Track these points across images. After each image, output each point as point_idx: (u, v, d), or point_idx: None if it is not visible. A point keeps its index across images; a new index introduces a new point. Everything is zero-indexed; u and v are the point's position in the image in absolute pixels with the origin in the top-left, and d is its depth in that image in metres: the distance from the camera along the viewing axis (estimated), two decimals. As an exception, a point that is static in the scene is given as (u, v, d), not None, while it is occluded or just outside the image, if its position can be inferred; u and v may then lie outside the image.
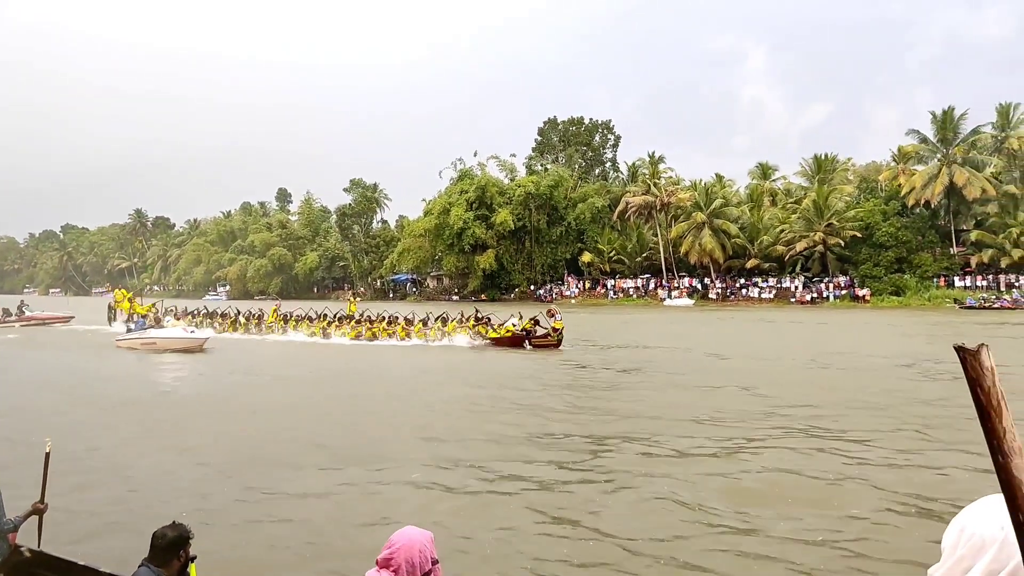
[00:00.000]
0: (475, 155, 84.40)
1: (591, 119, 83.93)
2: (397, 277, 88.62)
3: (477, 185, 74.66)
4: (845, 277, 60.49)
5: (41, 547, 5.20)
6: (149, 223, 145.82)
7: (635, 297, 68.59)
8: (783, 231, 63.05)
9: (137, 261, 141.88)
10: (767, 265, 64.10)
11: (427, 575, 3.05)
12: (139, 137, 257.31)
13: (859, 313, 49.77)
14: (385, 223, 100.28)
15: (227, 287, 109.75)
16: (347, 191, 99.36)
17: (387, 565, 3.03)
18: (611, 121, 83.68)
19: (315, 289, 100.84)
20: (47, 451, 5.40)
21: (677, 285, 68.11)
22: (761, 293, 63.18)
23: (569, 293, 73.59)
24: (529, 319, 28.36)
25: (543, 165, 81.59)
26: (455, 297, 78.28)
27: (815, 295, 60.32)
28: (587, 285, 73.90)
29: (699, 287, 67.28)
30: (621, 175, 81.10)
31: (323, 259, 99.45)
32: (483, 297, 74.76)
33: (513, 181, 77.28)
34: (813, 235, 59.58)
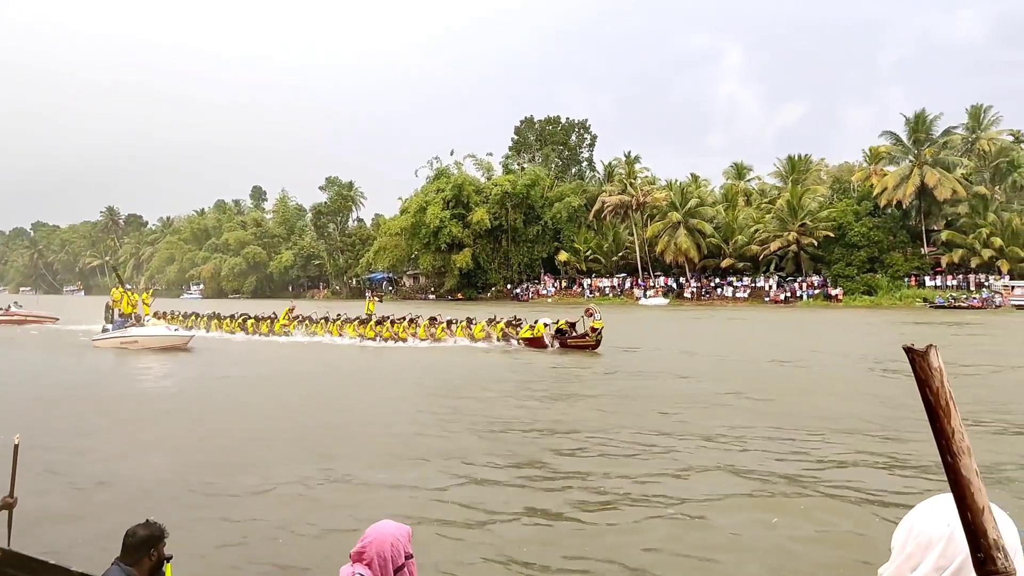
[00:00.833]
0: (451, 154, 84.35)
1: (567, 118, 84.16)
2: (373, 276, 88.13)
3: (454, 184, 74.45)
4: (818, 277, 61.06)
5: (11, 544, 5.02)
6: (121, 220, 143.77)
7: (611, 296, 68.68)
8: (757, 231, 63.50)
9: (109, 259, 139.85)
10: (741, 265, 64.55)
11: (400, 569, 3.05)
12: (112, 132, 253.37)
13: (831, 312, 50.19)
14: (361, 221, 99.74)
15: (200, 286, 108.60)
16: (323, 189, 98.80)
17: (360, 559, 3.03)
18: (587, 121, 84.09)
19: (290, 288, 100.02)
20: (16, 443, 5.22)
21: (653, 284, 68.37)
22: (735, 292, 63.55)
23: (546, 292, 73.58)
24: (564, 320, 26.98)
25: (520, 164, 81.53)
26: (432, 296, 78.05)
27: (789, 294, 60.78)
28: (564, 284, 73.93)
29: (674, 286, 67.57)
30: (597, 174, 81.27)
31: (298, 258, 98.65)
32: (460, 296, 74.67)
33: (490, 180, 77.17)
34: (787, 235, 60.04)
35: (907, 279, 57.50)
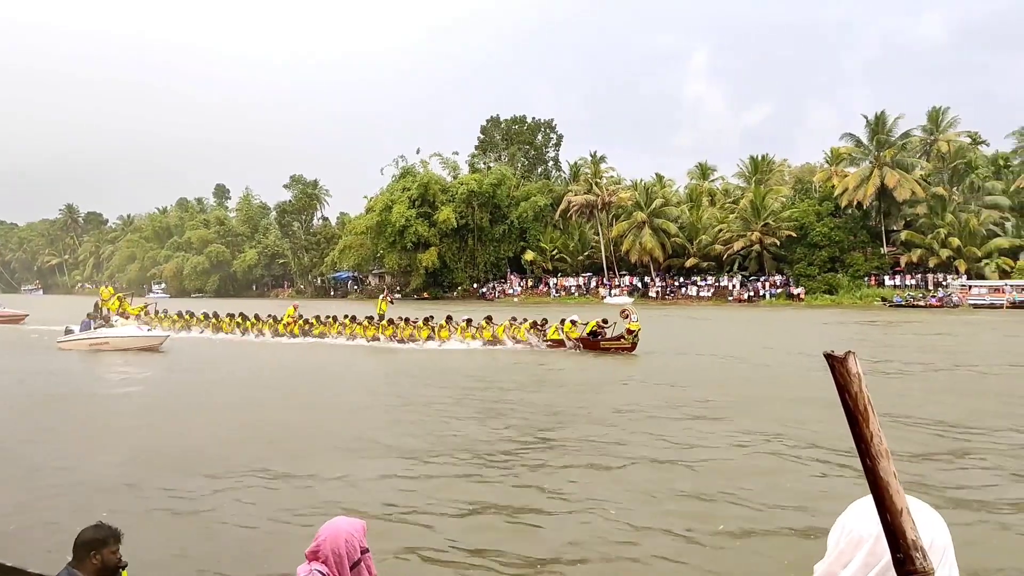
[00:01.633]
0: (417, 152, 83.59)
1: (534, 118, 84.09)
2: (338, 275, 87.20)
3: (419, 183, 73.93)
4: (781, 276, 61.66)
5: None
6: (81, 219, 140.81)
7: (577, 295, 68.73)
8: (721, 231, 63.96)
9: (68, 258, 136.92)
10: (706, 264, 64.98)
11: (357, 564, 3.05)
12: (71, 128, 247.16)
13: (792, 311, 50.60)
14: (326, 220, 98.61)
15: (163, 285, 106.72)
16: (287, 187, 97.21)
17: (315, 557, 3.04)
18: (553, 120, 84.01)
19: (254, 287, 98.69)
20: None
21: (618, 283, 68.57)
22: (700, 291, 63.93)
23: (512, 291, 73.42)
24: (596, 320, 25.36)
25: (486, 163, 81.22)
26: (397, 295, 77.38)
27: (752, 293, 61.29)
28: (530, 283, 73.84)
29: (639, 285, 67.80)
30: (563, 174, 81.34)
31: (262, 256, 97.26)
32: (426, 295, 74.21)
33: (456, 179, 76.77)
34: (750, 235, 60.54)
35: (867, 278, 58.27)
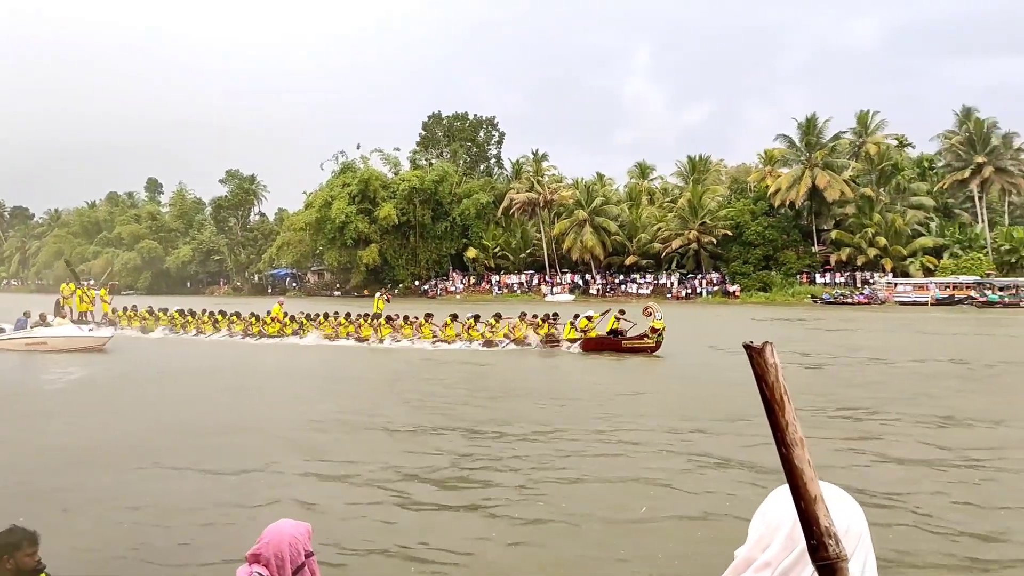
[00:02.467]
0: (358, 148, 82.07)
1: (476, 115, 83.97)
2: (276, 272, 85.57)
3: (360, 178, 73.08)
4: (717, 274, 63.05)
5: None
6: (6, 213, 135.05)
7: (519, 293, 68.95)
8: (660, 229, 65.06)
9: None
10: (645, 262, 66.05)
11: (300, 568, 3.00)
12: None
13: (727, 308, 51.75)
14: (263, 216, 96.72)
15: (91, 281, 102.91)
16: (223, 182, 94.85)
17: (256, 560, 2.99)
18: (495, 117, 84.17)
19: (188, 284, 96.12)
20: None
21: (560, 281, 69.09)
22: (639, 289, 64.80)
23: (454, 289, 73.23)
24: (614, 316, 24.08)
25: (427, 160, 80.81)
26: (337, 293, 76.51)
27: (689, 291, 62.51)
28: (472, 281, 73.78)
29: (581, 283, 68.44)
30: (506, 172, 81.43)
31: (197, 253, 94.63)
32: (366, 293, 73.28)
33: (397, 175, 76.16)
34: (688, 233, 61.69)
35: (799, 276, 60.07)
